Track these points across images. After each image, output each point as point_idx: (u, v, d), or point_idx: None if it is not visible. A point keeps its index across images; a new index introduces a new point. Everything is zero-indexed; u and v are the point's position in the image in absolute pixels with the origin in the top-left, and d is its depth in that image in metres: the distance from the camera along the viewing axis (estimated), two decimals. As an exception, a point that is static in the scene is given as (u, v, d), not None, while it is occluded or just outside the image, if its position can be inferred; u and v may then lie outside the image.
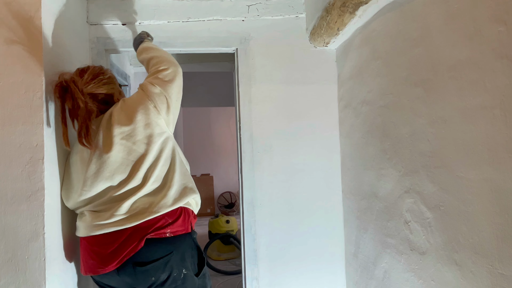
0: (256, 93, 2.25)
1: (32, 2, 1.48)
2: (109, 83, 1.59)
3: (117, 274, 1.43)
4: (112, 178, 1.45)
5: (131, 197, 1.43)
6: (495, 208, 1.00)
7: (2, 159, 1.44)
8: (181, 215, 1.49)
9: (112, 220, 1.42)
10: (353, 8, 1.64)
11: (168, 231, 1.43)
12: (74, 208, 1.57)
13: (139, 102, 1.50)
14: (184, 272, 1.44)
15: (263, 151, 2.24)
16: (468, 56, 1.09)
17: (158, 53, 1.67)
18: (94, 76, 1.55)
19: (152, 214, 1.42)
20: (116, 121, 1.47)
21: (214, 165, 8.06)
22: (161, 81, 1.54)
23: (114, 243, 1.41)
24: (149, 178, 1.45)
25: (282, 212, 2.24)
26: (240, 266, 3.54)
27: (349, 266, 2.18)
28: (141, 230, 1.41)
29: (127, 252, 1.39)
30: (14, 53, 1.47)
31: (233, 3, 2.23)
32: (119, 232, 1.41)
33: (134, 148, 1.45)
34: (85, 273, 1.50)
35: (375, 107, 1.72)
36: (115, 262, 1.40)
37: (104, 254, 1.42)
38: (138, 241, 1.39)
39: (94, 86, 1.53)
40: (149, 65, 1.66)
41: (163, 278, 1.41)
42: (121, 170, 1.45)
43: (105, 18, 2.17)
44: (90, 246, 1.46)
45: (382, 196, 1.68)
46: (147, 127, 1.47)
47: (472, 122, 1.08)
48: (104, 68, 1.63)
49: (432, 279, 1.30)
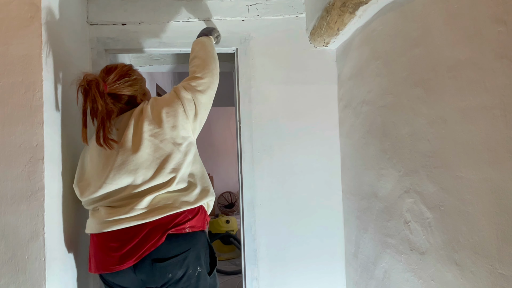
0: (256, 93, 2.25)
1: (32, 2, 1.48)
2: (133, 84, 1.59)
3: (133, 271, 1.41)
4: (136, 172, 1.44)
5: (153, 193, 1.44)
6: (495, 208, 1.00)
7: (2, 159, 1.44)
8: (199, 211, 1.51)
9: (132, 214, 1.41)
10: (353, 8, 1.64)
11: (188, 227, 1.44)
12: (89, 203, 1.53)
13: (170, 104, 1.53)
14: (198, 269, 1.45)
15: (263, 151, 2.24)
16: (468, 56, 1.09)
17: (204, 56, 1.69)
18: (120, 77, 1.55)
19: (174, 209, 1.43)
20: (147, 117, 1.49)
21: (214, 165, 8.05)
22: (193, 89, 1.57)
23: (133, 238, 1.39)
24: (175, 178, 1.46)
25: (282, 212, 2.24)
26: (240, 266, 3.54)
27: (349, 266, 2.18)
28: (162, 225, 1.41)
29: (147, 247, 1.38)
30: (14, 53, 1.47)
31: (233, 3, 2.23)
32: (138, 227, 1.40)
33: (161, 146, 1.47)
34: (96, 271, 1.47)
35: (375, 107, 1.72)
36: (134, 258, 1.38)
37: (123, 250, 1.40)
38: (159, 236, 1.39)
39: (118, 87, 1.54)
40: (190, 63, 1.71)
41: (180, 275, 1.41)
42: (146, 166, 1.45)
43: (105, 18, 2.17)
44: (105, 243, 1.43)
45: (382, 196, 1.68)
46: (174, 129, 1.49)
47: (472, 122, 1.08)
48: (132, 68, 1.63)
49: (432, 279, 1.30)
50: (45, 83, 1.49)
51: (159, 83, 4.45)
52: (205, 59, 1.68)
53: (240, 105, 2.25)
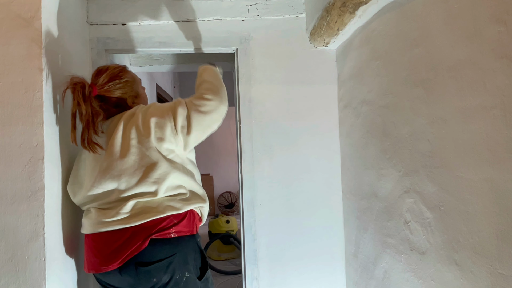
0: (256, 93, 2.25)
1: (32, 2, 1.48)
2: (124, 87, 1.56)
3: (119, 273, 1.42)
4: (119, 178, 1.44)
5: (137, 198, 1.43)
6: (495, 208, 1.00)
7: (2, 159, 1.44)
8: (186, 216, 1.49)
9: (117, 218, 1.41)
10: (353, 8, 1.64)
11: (173, 232, 1.43)
12: (81, 204, 1.56)
13: (163, 115, 1.47)
14: (186, 275, 1.43)
15: (263, 151, 2.24)
16: (468, 56, 1.09)
17: (214, 81, 1.60)
18: (110, 79, 1.53)
19: (158, 214, 1.42)
20: (136, 124, 1.47)
21: (214, 165, 8.04)
22: (195, 108, 1.49)
23: (117, 241, 1.40)
24: (159, 189, 1.44)
25: (282, 212, 2.24)
26: (240, 266, 3.54)
27: (349, 266, 2.18)
28: (145, 229, 1.40)
29: (130, 251, 1.38)
30: (14, 53, 1.47)
31: (233, 3, 2.23)
32: (123, 230, 1.41)
33: (147, 154, 1.44)
34: (88, 271, 1.49)
35: (375, 107, 1.72)
36: (118, 261, 1.39)
37: (106, 252, 1.41)
38: (142, 241, 1.39)
39: (108, 89, 1.52)
40: (200, 86, 1.61)
41: (165, 280, 1.40)
42: (129, 173, 1.44)
43: (105, 18, 2.17)
44: (94, 244, 1.46)
45: (382, 196, 1.68)
46: (160, 141, 1.45)
47: (472, 122, 1.08)
48: (125, 70, 1.60)
49: (432, 279, 1.30)
50: (45, 83, 1.49)
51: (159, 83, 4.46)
52: (216, 84, 1.60)
53: (240, 105, 2.25)
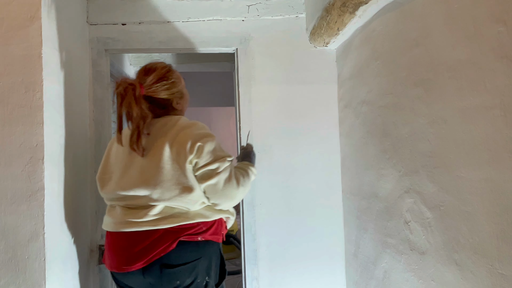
0: (256, 93, 2.25)
1: (32, 2, 1.48)
2: (170, 88, 1.50)
3: (141, 274, 1.39)
4: (154, 188, 1.38)
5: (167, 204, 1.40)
6: (495, 208, 1.00)
7: (2, 159, 1.45)
8: (214, 224, 1.48)
9: (145, 219, 1.38)
10: (353, 8, 1.64)
11: (200, 237, 1.42)
12: (108, 199, 1.50)
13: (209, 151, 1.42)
14: (207, 279, 1.43)
15: (263, 151, 2.24)
16: (468, 56, 1.09)
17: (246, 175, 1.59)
18: (158, 80, 1.47)
19: (188, 220, 1.40)
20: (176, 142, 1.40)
21: (214, 165, 8.04)
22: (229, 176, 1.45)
23: (144, 241, 1.37)
24: (193, 207, 1.41)
25: (282, 212, 2.24)
26: (240, 266, 3.54)
27: (349, 266, 2.18)
28: (175, 232, 1.38)
29: (157, 252, 1.36)
30: (14, 53, 1.47)
31: (233, 3, 2.24)
32: (151, 231, 1.38)
33: (186, 175, 1.39)
34: (109, 268, 1.47)
35: (375, 107, 1.72)
36: (143, 261, 1.36)
37: (132, 251, 1.38)
38: (170, 242, 1.37)
39: (156, 91, 1.46)
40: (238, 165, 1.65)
41: (188, 283, 1.39)
42: (166, 186, 1.38)
43: (105, 18, 2.17)
44: (118, 242, 1.42)
45: (382, 196, 1.68)
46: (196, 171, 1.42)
47: (472, 122, 1.08)
48: (171, 70, 1.54)
49: (432, 279, 1.30)
50: (45, 83, 1.49)
51: (159, 83, 4.44)
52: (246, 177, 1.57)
53: (240, 105, 2.25)
